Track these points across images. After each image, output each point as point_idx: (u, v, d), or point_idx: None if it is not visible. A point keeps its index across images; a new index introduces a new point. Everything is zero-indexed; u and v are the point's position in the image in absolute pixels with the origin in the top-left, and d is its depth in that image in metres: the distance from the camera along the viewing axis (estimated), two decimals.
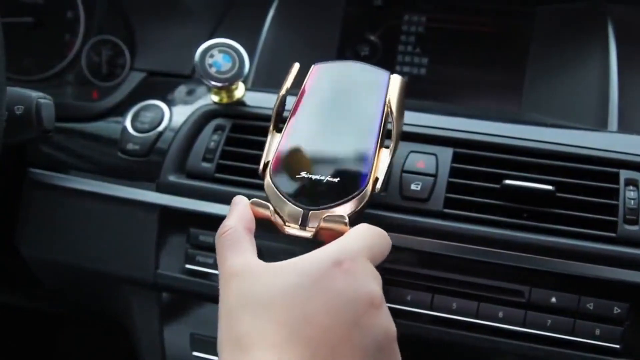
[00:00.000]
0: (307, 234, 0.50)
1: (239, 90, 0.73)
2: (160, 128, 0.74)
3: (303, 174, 0.52)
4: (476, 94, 0.79)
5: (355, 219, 0.51)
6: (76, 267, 0.76)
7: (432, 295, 0.62)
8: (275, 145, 0.55)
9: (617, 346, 0.58)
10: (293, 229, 0.51)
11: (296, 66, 0.59)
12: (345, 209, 0.51)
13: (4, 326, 1.16)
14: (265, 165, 0.55)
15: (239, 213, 0.50)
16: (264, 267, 0.44)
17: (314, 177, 0.52)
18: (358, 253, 0.45)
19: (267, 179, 0.53)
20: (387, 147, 0.56)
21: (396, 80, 0.57)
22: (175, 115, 0.75)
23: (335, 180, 0.52)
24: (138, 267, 0.71)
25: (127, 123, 0.76)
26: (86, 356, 1.23)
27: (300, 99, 0.57)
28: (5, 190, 0.81)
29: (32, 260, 0.81)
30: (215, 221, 0.67)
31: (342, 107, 0.56)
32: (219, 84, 0.70)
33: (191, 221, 0.69)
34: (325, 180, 0.52)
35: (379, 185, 0.53)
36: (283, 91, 0.59)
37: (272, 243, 0.62)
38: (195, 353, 0.71)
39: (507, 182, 0.61)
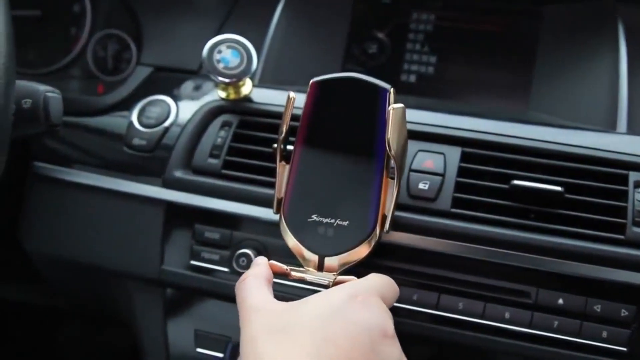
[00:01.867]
0: (325, 281, 0.54)
1: (246, 87, 0.72)
2: (167, 123, 0.73)
3: (314, 217, 0.56)
4: (484, 93, 0.79)
5: None
6: (79, 263, 0.76)
7: (439, 295, 0.62)
8: (285, 179, 0.58)
9: (624, 349, 0.58)
10: (312, 276, 0.55)
11: (292, 96, 0.58)
12: (358, 254, 0.55)
13: (5, 321, 1.15)
14: (279, 202, 0.58)
15: (259, 267, 0.53)
16: (283, 304, 0.48)
17: (324, 220, 0.55)
18: (371, 290, 0.49)
19: (283, 225, 0.57)
20: (393, 178, 0.56)
21: (397, 113, 0.54)
22: (182, 110, 0.74)
23: (345, 223, 0.55)
24: (143, 263, 0.71)
25: (134, 118, 0.75)
26: (88, 352, 1.23)
27: (303, 129, 0.58)
28: (9, 184, 0.80)
29: (34, 254, 0.81)
30: (222, 217, 0.68)
31: (344, 139, 0.57)
32: (227, 80, 0.69)
33: (197, 217, 0.69)
34: (335, 224, 0.55)
35: (387, 222, 0.56)
36: (285, 127, 0.58)
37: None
38: (199, 349, 0.71)
39: (516, 182, 0.61)
